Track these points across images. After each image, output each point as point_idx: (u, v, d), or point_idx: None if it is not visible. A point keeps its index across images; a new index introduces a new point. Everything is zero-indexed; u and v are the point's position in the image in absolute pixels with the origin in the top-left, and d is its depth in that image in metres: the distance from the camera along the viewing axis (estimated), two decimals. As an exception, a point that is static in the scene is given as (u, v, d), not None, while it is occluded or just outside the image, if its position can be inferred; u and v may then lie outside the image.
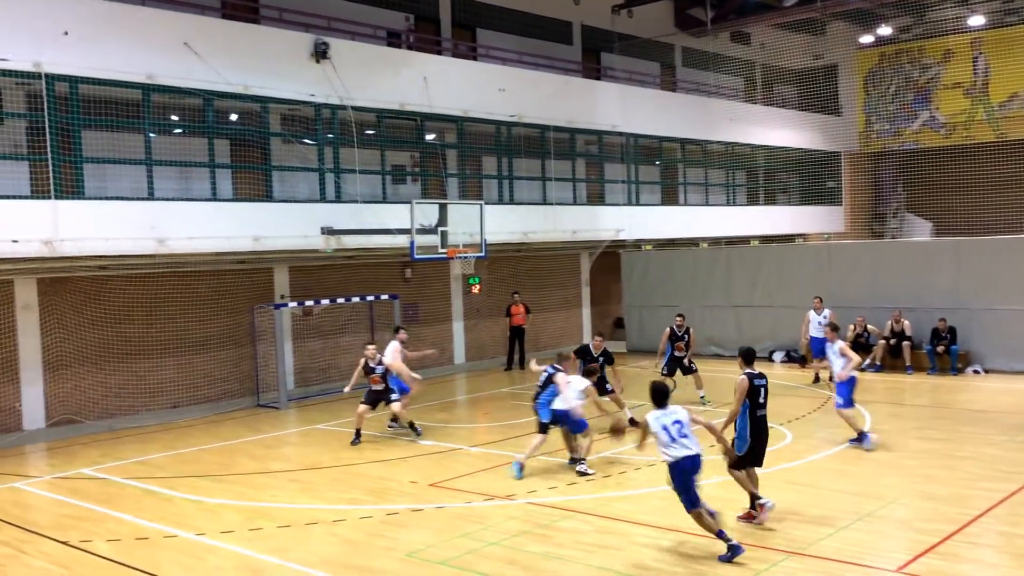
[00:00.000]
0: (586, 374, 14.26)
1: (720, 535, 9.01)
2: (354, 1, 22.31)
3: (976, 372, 20.02)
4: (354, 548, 9.83)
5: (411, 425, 15.40)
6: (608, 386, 15.47)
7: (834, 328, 14.26)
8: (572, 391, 12.75)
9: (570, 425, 12.79)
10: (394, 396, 15.22)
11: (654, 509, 10.77)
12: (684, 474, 9.11)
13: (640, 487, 11.81)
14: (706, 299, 24.64)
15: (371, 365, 15.24)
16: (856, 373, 13.67)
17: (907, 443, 13.61)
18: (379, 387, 15.18)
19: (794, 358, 22.12)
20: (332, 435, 15.94)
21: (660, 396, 9.44)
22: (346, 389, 15.68)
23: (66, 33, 15.52)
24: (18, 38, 14.99)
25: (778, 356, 22.65)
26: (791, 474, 12.18)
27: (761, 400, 10.18)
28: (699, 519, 9.10)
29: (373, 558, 9.46)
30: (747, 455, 10.15)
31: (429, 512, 11.06)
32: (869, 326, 20.38)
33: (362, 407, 15.10)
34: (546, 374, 13.05)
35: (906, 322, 20.39)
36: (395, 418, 15.56)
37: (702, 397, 17.36)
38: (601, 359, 15.56)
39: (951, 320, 20.12)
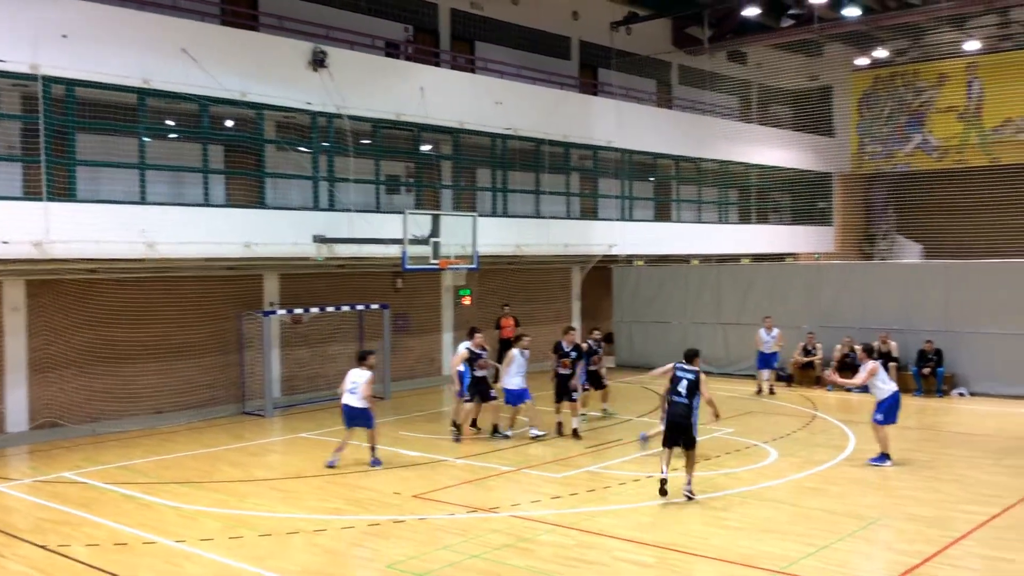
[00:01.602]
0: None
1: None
2: (353, 11, 22.39)
3: (961, 395, 20.08)
4: (334, 558, 9.80)
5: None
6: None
7: (867, 351, 14.25)
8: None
9: None
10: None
11: (637, 524, 10.77)
12: (346, 415, 13.91)
13: (624, 502, 11.80)
14: (696, 316, 24.71)
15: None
16: (896, 392, 13.76)
17: (891, 464, 13.61)
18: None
19: (782, 376, 22.14)
20: (317, 444, 15.89)
21: (360, 359, 14.05)
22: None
23: (65, 36, 15.55)
24: (16, 40, 14.97)
25: (765, 374, 22.65)
26: (773, 492, 12.18)
27: (679, 388, 11.68)
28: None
29: (353, 569, 9.44)
30: (665, 435, 11.79)
31: (411, 523, 11.03)
32: (856, 346, 20.39)
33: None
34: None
35: (893, 343, 20.40)
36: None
37: (604, 409, 17.85)
38: (573, 353, 15.94)
39: (939, 342, 20.20)
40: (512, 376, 15.70)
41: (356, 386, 13.88)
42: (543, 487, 12.62)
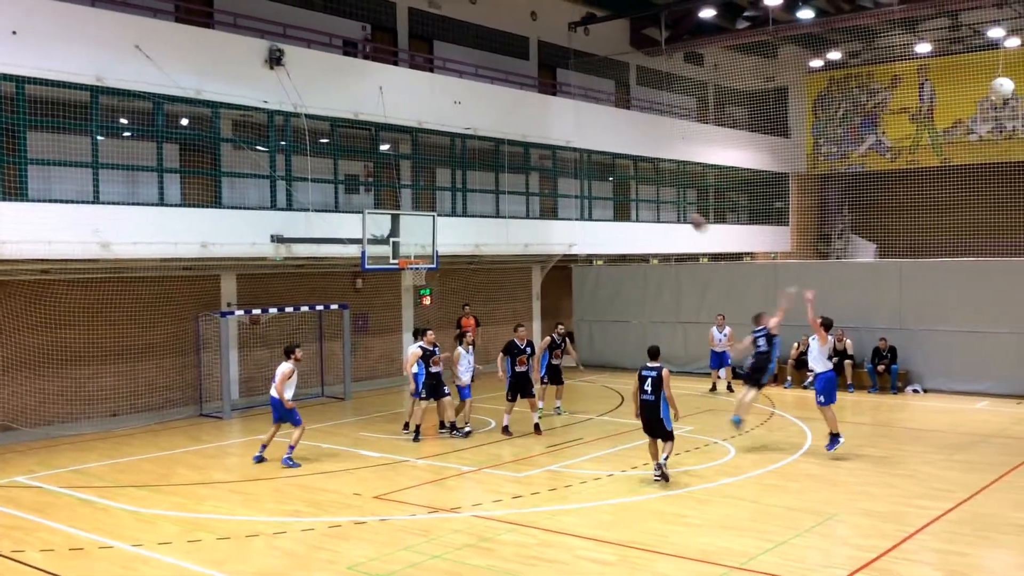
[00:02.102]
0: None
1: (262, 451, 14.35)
2: (310, 9, 22.23)
3: (915, 391, 20.43)
4: (294, 561, 9.72)
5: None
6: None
7: (825, 325, 14.79)
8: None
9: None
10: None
11: (598, 523, 10.82)
12: (271, 405, 14.35)
13: (585, 500, 11.84)
14: (655, 315, 24.90)
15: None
16: (832, 372, 14.46)
17: (847, 460, 13.82)
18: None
19: (739, 374, 22.33)
20: (276, 446, 15.64)
21: (287, 353, 14.26)
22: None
23: (14, 32, 15.24)
24: (-37, 36, 14.68)
25: (723, 372, 22.86)
26: (732, 488, 12.31)
27: (646, 387, 12.42)
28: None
29: (313, 571, 9.36)
30: (644, 428, 12.68)
31: (372, 524, 10.98)
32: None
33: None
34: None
35: (848, 341, 20.73)
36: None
37: (557, 407, 18.10)
38: (528, 350, 16.14)
39: (892, 340, 20.54)
40: (463, 373, 16.29)
41: (276, 377, 14.20)
42: (504, 486, 12.62)
